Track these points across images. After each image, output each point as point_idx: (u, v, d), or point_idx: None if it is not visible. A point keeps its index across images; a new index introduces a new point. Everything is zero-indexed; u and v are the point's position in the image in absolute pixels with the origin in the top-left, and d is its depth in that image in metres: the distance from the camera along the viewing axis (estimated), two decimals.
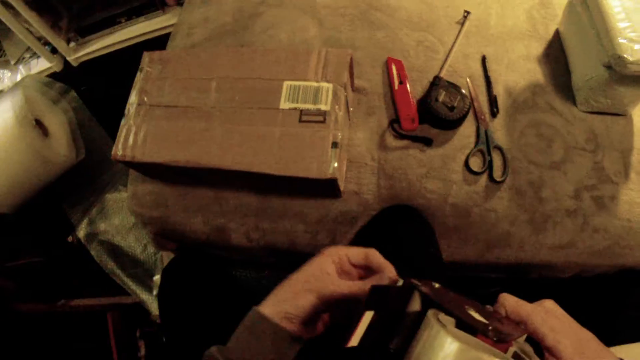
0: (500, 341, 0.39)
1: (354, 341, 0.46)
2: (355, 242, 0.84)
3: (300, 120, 0.73)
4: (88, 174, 1.53)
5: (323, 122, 0.72)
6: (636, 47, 0.72)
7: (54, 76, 1.66)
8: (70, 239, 1.48)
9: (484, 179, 0.82)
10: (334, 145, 0.70)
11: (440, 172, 0.82)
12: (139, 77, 0.82)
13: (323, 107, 0.73)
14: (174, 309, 0.82)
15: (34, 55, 1.66)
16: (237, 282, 0.90)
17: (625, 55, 0.72)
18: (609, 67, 0.77)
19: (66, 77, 1.67)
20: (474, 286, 1.17)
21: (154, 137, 0.77)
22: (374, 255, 0.55)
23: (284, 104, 0.74)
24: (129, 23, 1.59)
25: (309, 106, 0.73)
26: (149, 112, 0.79)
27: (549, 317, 0.45)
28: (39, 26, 1.46)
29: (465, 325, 0.40)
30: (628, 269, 0.87)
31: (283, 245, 0.87)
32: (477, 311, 0.43)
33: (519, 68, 0.89)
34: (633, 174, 0.85)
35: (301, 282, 0.52)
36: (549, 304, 0.47)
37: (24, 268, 1.42)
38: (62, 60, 1.65)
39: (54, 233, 1.50)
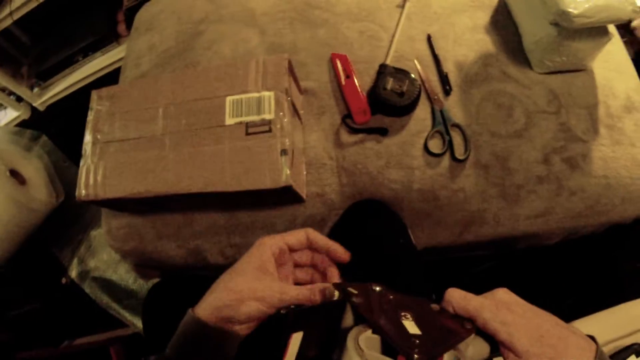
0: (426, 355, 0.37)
1: None
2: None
3: (247, 133, 0.72)
4: (70, 214, 1.53)
5: (269, 131, 0.71)
6: None
7: (24, 123, 1.66)
8: (64, 280, 1.48)
9: (446, 159, 0.80)
10: (283, 152, 0.70)
11: (401, 160, 0.80)
12: (90, 116, 0.82)
13: (267, 116, 0.72)
14: (157, 335, 0.81)
15: (1, 106, 1.66)
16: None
17: (569, 10, 0.71)
18: (556, 24, 0.75)
19: (36, 122, 1.67)
20: (463, 266, 1.15)
21: (112, 172, 0.77)
22: (315, 236, 0.54)
23: (229, 120, 0.74)
24: (86, 60, 1.59)
25: (254, 117, 0.72)
26: (104, 149, 0.79)
27: (499, 310, 0.42)
28: (1, 78, 1.46)
29: (389, 344, 0.39)
30: (615, 224, 0.85)
31: None
32: (415, 317, 0.41)
33: (467, 41, 0.88)
34: (602, 129, 0.83)
35: (244, 288, 0.48)
36: (501, 294, 0.45)
37: (24, 316, 1.42)
38: (29, 107, 1.65)
39: (47, 277, 1.50)
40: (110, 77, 1.65)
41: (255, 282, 0.49)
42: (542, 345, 0.40)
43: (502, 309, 0.42)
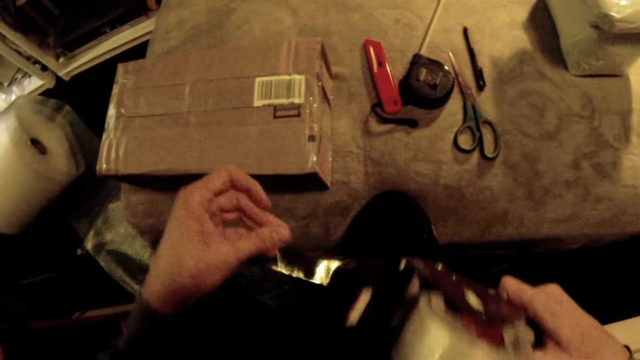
0: (489, 324, 0.40)
1: (353, 318, 0.46)
2: (349, 232, 0.82)
3: (275, 116, 0.71)
4: (90, 186, 1.54)
5: (298, 115, 0.70)
6: (623, 2, 0.68)
7: (48, 93, 1.67)
8: (79, 252, 1.49)
9: (475, 156, 0.79)
10: (311, 138, 0.68)
11: (429, 154, 0.79)
12: (115, 89, 0.81)
13: (297, 100, 0.70)
14: None
15: (26, 75, 1.67)
16: (237, 281, 0.90)
17: (611, 13, 0.68)
18: (596, 27, 0.73)
19: (60, 92, 1.68)
20: (482, 264, 1.14)
21: (134, 148, 0.76)
22: (237, 174, 0.50)
23: (258, 102, 0.72)
24: (114, 32, 1.58)
25: (283, 101, 0.71)
26: (127, 124, 0.78)
27: (550, 302, 0.45)
28: (26, 46, 1.46)
29: (455, 309, 0.41)
30: (639, 235, 0.83)
31: None
32: (476, 295, 0.43)
33: (504, 37, 0.85)
34: (634, 137, 0.81)
35: (199, 266, 0.44)
36: (553, 288, 0.47)
37: (38, 285, 1.44)
38: (53, 77, 1.65)
39: (63, 248, 1.52)
40: (137, 51, 1.64)
41: (205, 254, 0.44)
42: (583, 341, 0.42)
43: (552, 301, 0.45)
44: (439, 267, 0.47)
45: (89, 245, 1.48)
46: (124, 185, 0.91)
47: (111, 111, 0.80)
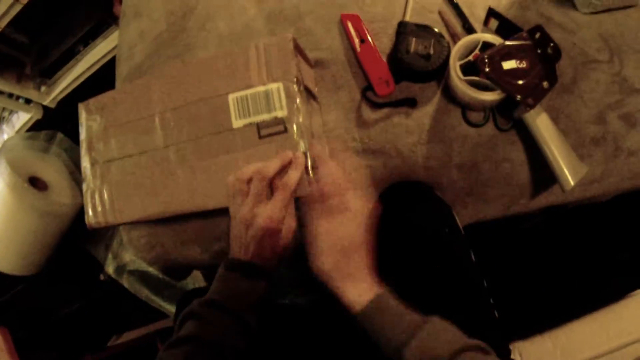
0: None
1: None
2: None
3: (260, 136, 0.64)
4: None
5: (285, 131, 0.62)
6: None
7: (38, 124, 1.64)
8: (102, 277, 1.49)
9: (488, 127, 0.70)
10: (304, 155, 0.61)
11: (435, 133, 0.70)
12: (82, 134, 0.75)
13: (280, 113, 0.63)
14: None
15: (13, 111, 1.64)
16: None
17: None
18: None
19: (50, 120, 1.65)
20: (512, 223, 1.07)
21: (119, 196, 0.71)
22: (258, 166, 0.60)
23: (237, 122, 0.65)
24: (88, 48, 1.53)
25: (264, 117, 0.64)
26: (104, 170, 0.73)
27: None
28: (5, 85, 1.43)
29: None
30: None
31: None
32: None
33: None
34: None
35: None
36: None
37: (69, 317, 1.45)
38: (40, 107, 1.62)
39: (86, 276, 1.51)
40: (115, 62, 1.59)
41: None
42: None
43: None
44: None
45: (110, 269, 1.47)
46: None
47: (84, 159, 0.75)
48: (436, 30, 0.70)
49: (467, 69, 0.66)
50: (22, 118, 1.61)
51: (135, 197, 0.70)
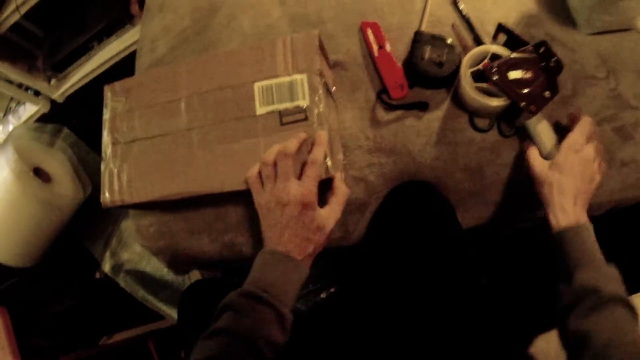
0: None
1: None
2: (370, 230, 0.78)
3: (282, 123, 0.67)
4: (99, 207, 1.52)
5: (305, 120, 0.66)
6: None
7: (44, 117, 1.65)
8: (98, 275, 1.48)
9: (492, 134, 0.74)
10: (325, 133, 0.65)
11: (443, 137, 0.74)
12: (106, 114, 0.77)
13: (302, 102, 0.66)
14: (193, 334, 0.81)
15: (20, 102, 1.64)
16: None
17: None
18: None
19: (57, 115, 1.66)
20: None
21: (138, 175, 0.73)
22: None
23: (260, 109, 0.68)
24: (102, 45, 1.55)
25: (287, 105, 0.67)
26: (126, 150, 0.74)
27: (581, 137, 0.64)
28: (15, 74, 1.44)
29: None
30: None
31: None
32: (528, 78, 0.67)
33: (507, 1, 0.80)
34: None
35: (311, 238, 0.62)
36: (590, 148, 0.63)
37: (62, 313, 1.44)
38: (48, 100, 1.63)
39: (81, 273, 1.51)
40: (128, 61, 1.60)
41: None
42: (574, 175, 0.62)
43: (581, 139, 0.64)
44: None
45: (106, 267, 1.47)
46: (132, 212, 0.89)
47: (106, 138, 0.76)
48: (449, 41, 0.75)
49: (477, 77, 0.70)
50: (29, 110, 1.62)
51: (154, 176, 0.72)
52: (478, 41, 0.77)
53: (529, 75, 0.67)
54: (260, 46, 0.70)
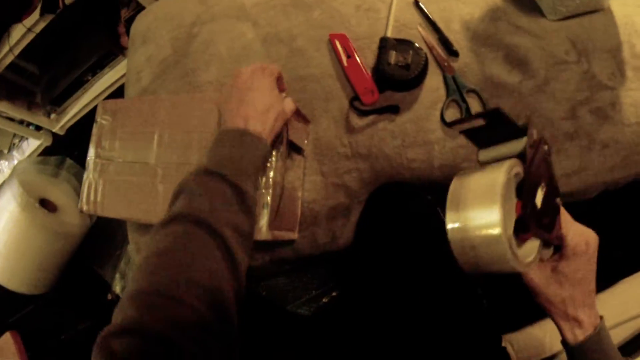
0: (523, 220, 0.44)
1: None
2: (357, 234, 0.80)
3: None
4: (106, 231, 1.57)
5: None
6: None
7: (47, 150, 1.70)
8: (109, 297, 1.52)
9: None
10: (265, 205, 0.67)
11: (417, 137, 0.76)
12: (94, 129, 0.83)
13: None
14: None
15: (23, 138, 1.70)
16: (259, 296, 0.91)
17: None
18: None
19: (59, 147, 1.71)
20: None
21: (109, 193, 0.79)
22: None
23: None
24: (96, 78, 1.60)
25: None
26: (104, 167, 0.80)
27: (581, 240, 0.51)
28: (16, 112, 1.50)
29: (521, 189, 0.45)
30: None
31: (288, 255, 0.84)
32: (545, 192, 0.47)
33: None
34: (630, 72, 0.76)
35: (270, 109, 0.61)
36: (593, 236, 0.52)
37: (78, 336, 1.47)
38: (49, 134, 1.68)
39: (93, 296, 1.55)
40: (122, 90, 1.66)
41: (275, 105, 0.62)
42: (575, 284, 0.51)
43: (582, 243, 0.51)
44: (545, 148, 0.49)
45: (117, 288, 1.51)
46: (130, 227, 0.92)
47: (91, 151, 0.82)
48: (415, 44, 0.77)
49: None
50: (32, 145, 1.68)
51: (121, 198, 0.77)
52: (443, 41, 0.78)
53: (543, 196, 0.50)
54: None
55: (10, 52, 1.29)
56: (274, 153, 0.68)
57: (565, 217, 0.52)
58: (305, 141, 0.80)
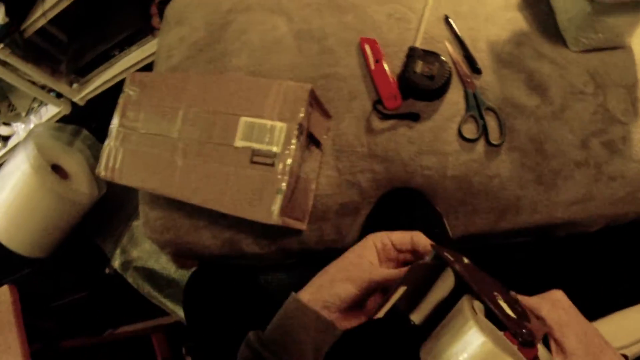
0: (525, 345, 0.40)
1: (381, 314, 0.48)
2: (363, 234, 0.82)
3: (252, 161, 0.72)
4: (112, 205, 1.59)
5: (272, 165, 0.70)
6: None
7: (64, 119, 1.72)
8: (107, 270, 1.54)
9: (480, 144, 0.78)
10: (279, 191, 0.69)
11: (433, 146, 0.79)
12: (121, 98, 0.85)
13: (274, 148, 0.70)
14: (199, 320, 0.84)
15: (42, 103, 1.72)
16: (262, 287, 0.93)
17: None
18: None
19: (77, 117, 1.74)
20: (502, 252, 1.12)
21: (129, 161, 0.81)
22: (420, 238, 0.55)
23: (239, 142, 0.73)
24: (123, 54, 1.62)
25: (261, 146, 0.71)
26: (126, 136, 0.82)
27: (555, 309, 0.47)
28: (39, 76, 1.52)
29: (495, 318, 0.41)
30: None
31: (294, 246, 0.86)
32: (504, 300, 0.44)
33: (499, 20, 0.84)
34: None
35: (340, 270, 0.53)
36: (558, 296, 0.49)
37: (69, 305, 1.49)
38: (69, 103, 1.71)
39: (91, 268, 1.56)
40: (147, 70, 1.68)
41: (349, 266, 0.52)
42: (586, 351, 0.44)
43: (558, 310, 0.47)
44: (466, 260, 0.47)
45: (116, 263, 1.53)
46: (142, 201, 0.94)
47: (115, 119, 0.84)
48: (442, 57, 0.80)
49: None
50: (50, 111, 1.70)
51: (140, 168, 0.79)
52: (468, 57, 0.82)
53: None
54: (258, 83, 0.75)
55: (43, 16, 1.32)
56: (293, 142, 0.70)
57: (523, 300, 0.49)
58: (325, 136, 0.82)
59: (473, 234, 0.82)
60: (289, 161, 0.69)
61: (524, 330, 0.40)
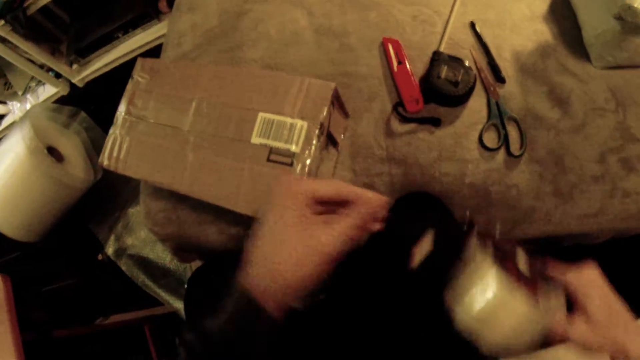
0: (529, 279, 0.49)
1: (416, 261, 0.58)
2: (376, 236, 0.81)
3: (269, 159, 0.68)
4: (108, 191, 1.56)
5: (290, 165, 0.67)
6: None
7: (62, 100, 1.68)
8: (100, 257, 1.51)
9: (501, 154, 0.77)
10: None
11: (453, 153, 0.78)
12: (129, 84, 0.82)
13: (293, 147, 0.67)
14: (199, 316, 0.82)
15: (40, 82, 1.68)
16: None
17: (636, 5, 0.67)
18: (619, 18, 0.72)
19: (75, 99, 1.69)
20: None
21: (135, 151, 0.77)
22: (345, 187, 0.49)
23: (255, 139, 0.70)
24: (126, 37, 1.58)
25: (280, 145, 0.68)
26: (133, 125, 0.79)
27: (585, 284, 0.51)
28: (39, 55, 1.48)
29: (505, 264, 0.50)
30: None
31: None
32: (525, 261, 0.52)
33: (524, 30, 0.84)
34: None
35: (299, 252, 0.44)
36: (589, 272, 0.52)
37: (60, 291, 1.46)
38: (67, 84, 1.66)
39: (84, 253, 1.53)
40: (150, 54, 1.65)
41: (303, 237, 0.45)
42: (609, 321, 0.48)
43: (587, 283, 0.51)
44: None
45: (110, 250, 1.50)
46: (143, 192, 0.91)
47: (122, 107, 0.80)
48: (466, 62, 0.78)
49: None
50: (48, 91, 1.66)
51: (147, 159, 0.76)
52: (492, 66, 0.81)
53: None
54: (278, 78, 0.71)
55: None
56: (314, 142, 0.67)
57: (557, 266, 0.53)
58: (342, 136, 0.80)
59: None
60: (309, 162, 0.67)
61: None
